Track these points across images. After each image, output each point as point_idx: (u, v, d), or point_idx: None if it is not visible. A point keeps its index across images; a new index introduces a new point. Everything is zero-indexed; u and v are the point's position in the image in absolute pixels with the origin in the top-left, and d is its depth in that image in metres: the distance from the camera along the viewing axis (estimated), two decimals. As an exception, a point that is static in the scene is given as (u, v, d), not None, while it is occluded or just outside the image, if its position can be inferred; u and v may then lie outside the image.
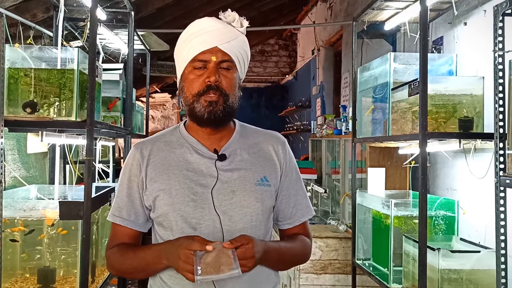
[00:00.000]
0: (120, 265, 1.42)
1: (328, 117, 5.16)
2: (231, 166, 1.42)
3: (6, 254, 2.18)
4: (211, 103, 1.36)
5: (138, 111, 4.22)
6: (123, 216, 1.44)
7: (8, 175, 2.95)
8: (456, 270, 2.24)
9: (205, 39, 1.36)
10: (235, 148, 1.45)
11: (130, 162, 1.46)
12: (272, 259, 1.39)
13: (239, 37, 1.41)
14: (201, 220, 1.35)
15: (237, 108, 1.41)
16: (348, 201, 3.81)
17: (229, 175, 1.40)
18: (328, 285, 3.49)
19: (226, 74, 1.38)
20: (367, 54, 4.08)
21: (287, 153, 1.52)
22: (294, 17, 8.64)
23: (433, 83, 2.38)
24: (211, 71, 1.36)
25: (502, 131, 1.86)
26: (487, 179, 2.43)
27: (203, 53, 1.36)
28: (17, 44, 2.37)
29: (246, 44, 1.44)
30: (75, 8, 3.18)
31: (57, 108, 2.27)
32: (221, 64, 1.37)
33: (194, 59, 1.37)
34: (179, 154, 1.43)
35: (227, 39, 1.37)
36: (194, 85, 1.37)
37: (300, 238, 1.51)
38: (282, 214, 1.51)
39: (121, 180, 1.47)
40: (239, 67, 1.42)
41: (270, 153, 1.49)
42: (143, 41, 4.29)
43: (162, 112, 9.94)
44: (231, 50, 1.38)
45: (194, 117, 1.41)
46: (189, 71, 1.39)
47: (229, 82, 1.38)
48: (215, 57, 1.36)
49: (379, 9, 3.07)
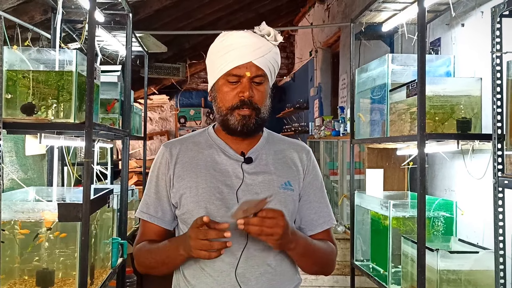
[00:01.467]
0: (144, 259, 1.46)
1: (326, 119, 5.16)
2: (257, 169, 1.46)
3: (5, 256, 2.17)
4: (244, 117, 1.41)
5: (136, 113, 4.22)
6: (151, 213, 1.49)
7: (6, 177, 2.94)
8: (455, 271, 2.24)
9: (240, 53, 1.39)
10: (261, 152, 1.50)
11: (159, 161, 1.50)
12: (301, 247, 1.40)
13: (272, 50, 1.44)
14: (225, 219, 1.36)
15: (267, 118, 1.47)
16: (346, 202, 3.81)
17: (254, 177, 1.44)
18: (326, 286, 3.49)
19: (259, 88, 1.42)
20: (364, 56, 4.09)
21: (311, 161, 1.57)
22: (292, 18, 8.65)
23: (431, 84, 2.39)
24: (245, 87, 1.39)
25: (500, 132, 1.87)
26: (485, 180, 2.44)
27: (238, 68, 1.39)
28: (15, 46, 2.36)
29: (278, 55, 1.48)
30: (73, 10, 3.18)
31: (55, 110, 2.27)
32: (255, 79, 1.41)
33: (229, 73, 1.40)
34: (207, 154, 1.48)
35: (262, 54, 1.40)
36: (228, 98, 1.42)
37: (327, 242, 1.54)
38: (304, 220, 1.53)
39: (150, 178, 1.52)
40: (270, 78, 1.47)
41: (295, 160, 1.53)
42: (141, 43, 4.29)
43: (160, 113, 9.92)
44: (265, 64, 1.41)
45: (226, 128, 1.45)
46: (223, 83, 1.43)
47: (262, 95, 1.43)
48: (249, 72, 1.39)
49: (376, 10, 3.08)
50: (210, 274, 1.38)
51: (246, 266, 1.37)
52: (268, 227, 1.25)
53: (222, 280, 1.36)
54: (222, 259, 1.35)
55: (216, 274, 1.37)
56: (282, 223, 1.27)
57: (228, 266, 1.36)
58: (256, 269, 1.38)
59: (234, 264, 1.36)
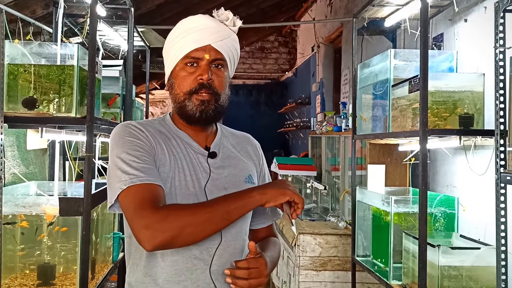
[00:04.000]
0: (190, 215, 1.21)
1: (328, 114, 5.16)
2: (221, 163, 1.42)
3: (6, 250, 2.18)
4: (203, 102, 1.35)
5: (138, 108, 4.21)
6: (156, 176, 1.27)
7: (7, 172, 2.94)
8: (456, 267, 2.24)
9: (199, 36, 1.35)
10: (221, 146, 1.47)
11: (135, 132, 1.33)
12: (271, 270, 1.42)
13: (231, 36, 1.40)
14: None
15: (226, 107, 1.41)
16: (348, 198, 3.81)
17: (219, 172, 1.40)
18: (327, 281, 3.50)
19: (218, 73, 1.38)
20: (367, 51, 4.08)
21: (261, 155, 1.58)
22: (294, 13, 8.63)
23: (434, 80, 2.38)
24: (204, 69, 1.35)
25: (503, 127, 1.86)
26: (487, 175, 2.43)
27: (196, 51, 1.35)
28: (17, 40, 2.36)
29: (237, 43, 1.44)
30: (74, 4, 3.17)
31: (57, 105, 2.27)
32: (213, 63, 1.36)
33: (187, 56, 1.35)
34: (172, 146, 1.38)
35: (220, 38, 1.36)
36: (186, 82, 1.36)
37: (272, 241, 1.55)
38: (257, 214, 1.53)
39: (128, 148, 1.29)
40: (229, 66, 1.42)
41: (250, 153, 1.53)
42: (142, 38, 4.28)
43: (161, 108, 9.92)
44: (224, 49, 1.37)
45: (184, 115, 1.38)
46: (181, 68, 1.37)
47: (221, 81, 1.38)
48: (208, 55, 1.35)
49: (379, 5, 3.06)
50: (183, 272, 1.32)
51: (220, 263, 1.34)
52: (255, 278, 1.27)
53: (196, 278, 1.32)
54: (196, 256, 1.32)
55: (189, 272, 1.32)
56: (266, 272, 1.29)
57: (202, 263, 1.33)
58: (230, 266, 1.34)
59: (208, 261, 1.33)
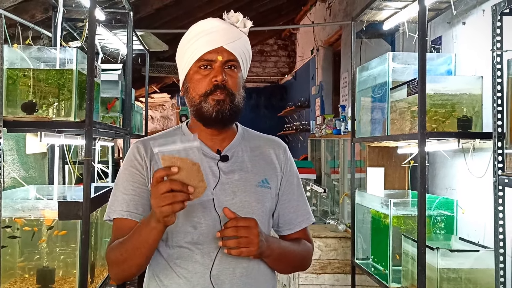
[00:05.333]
0: (116, 254, 1.31)
1: (327, 117, 5.16)
2: (233, 167, 1.42)
3: (5, 254, 2.18)
4: (218, 102, 1.36)
5: (137, 111, 4.22)
6: (131, 210, 1.36)
7: (7, 176, 2.95)
8: (455, 270, 2.24)
9: (211, 39, 1.37)
10: (237, 149, 1.46)
11: (131, 158, 1.42)
12: (276, 253, 1.38)
13: (243, 37, 1.42)
14: (202, 219, 1.34)
15: (242, 108, 1.42)
16: (347, 201, 3.81)
17: (230, 176, 1.40)
18: (327, 284, 3.49)
19: (232, 74, 1.39)
20: (366, 54, 4.09)
21: (288, 159, 1.53)
22: (293, 17, 8.64)
23: (432, 83, 2.39)
24: (218, 71, 1.36)
25: (501, 130, 1.87)
26: (486, 178, 2.43)
27: (209, 53, 1.36)
28: (16, 44, 2.37)
29: (248, 44, 1.45)
30: (73, 8, 3.18)
31: (56, 109, 2.27)
32: (227, 64, 1.38)
33: (200, 59, 1.37)
34: None
35: (232, 39, 1.38)
36: (201, 85, 1.37)
37: (302, 242, 1.52)
38: (282, 219, 1.51)
39: (122, 177, 1.41)
40: (242, 67, 1.43)
41: (271, 157, 1.50)
42: (142, 42, 4.29)
43: (161, 112, 9.93)
44: (236, 50, 1.39)
45: (201, 117, 1.39)
46: (195, 71, 1.39)
47: (235, 81, 1.39)
48: (221, 56, 1.36)
49: (377, 9, 3.07)
50: (184, 275, 1.34)
51: (221, 268, 1.33)
52: (244, 237, 1.24)
53: (196, 282, 1.32)
54: (196, 260, 1.33)
55: (189, 275, 1.33)
56: (256, 231, 1.26)
57: (202, 267, 1.33)
58: (231, 271, 1.34)
59: (209, 266, 1.33)
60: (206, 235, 1.33)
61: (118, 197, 1.39)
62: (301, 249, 1.49)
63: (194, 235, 1.34)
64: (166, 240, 1.37)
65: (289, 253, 1.45)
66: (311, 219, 1.55)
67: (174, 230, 1.35)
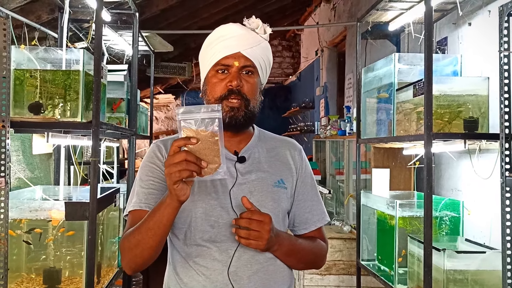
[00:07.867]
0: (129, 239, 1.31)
1: (332, 118, 5.16)
2: (250, 168, 1.45)
3: (12, 255, 2.18)
4: (232, 109, 1.39)
5: (143, 112, 4.22)
6: (148, 202, 1.38)
7: (13, 176, 2.96)
8: (462, 271, 2.23)
9: (229, 44, 1.39)
10: (254, 151, 1.49)
11: (152, 155, 1.45)
12: (285, 247, 1.41)
13: (262, 43, 1.44)
14: (220, 219, 1.37)
15: (257, 113, 1.46)
16: (352, 202, 3.80)
17: (247, 176, 1.43)
18: (332, 286, 3.49)
19: (248, 79, 1.41)
20: (371, 55, 4.08)
21: (303, 160, 1.57)
22: (297, 18, 8.65)
23: (438, 84, 2.38)
24: (233, 76, 1.39)
25: (508, 131, 1.86)
26: (492, 179, 2.43)
27: (226, 58, 1.39)
28: (23, 45, 2.38)
29: (268, 50, 1.47)
30: (79, 9, 3.19)
31: (62, 109, 2.28)
32: (243, 69, 1.41)
33: (217, 63, 1.41)
34: None
35: (250, 45, 1.40)
36: (216, 88, 1.41)
37: (316, 240, 1.54)
38: (298, 219, 1.54)
39: (142, 172, 1.43)
40: (260, 73, 1.46)
41: (287, 158, 1.53)
42: (147, 42, 4.30)
43: (165, 113, 9.93)
44: (254, 56, 1.41)
45: None
46: (212, 75, 1.42)
47: (250, 87, 1.42)
48: (237, 62, 1.39)
49: (383, 9, 3.07)
50: (203, 273, 1.37)
51: (239, 265, 1.36)
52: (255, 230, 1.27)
53: (214, 278, 1.35)
54: (215, 258, 1.36)
55: (208, 272, 1.36)
56: (268, 228, 1.28)
57: (220, 264, 1.36)
58: (248, 268, 1.37)
59: (227, 263, 1.36)
60: (224, 233, 1.36)
61: (136, 191, 1.42)
62: (313, 246, 1.52)
63: (212, 233, 1.37)
64: (184, 239, 1.40)
65: (299, 249, 1.47)
66: (326, 218, 1.58)
67: (192, 228, 1.38)
